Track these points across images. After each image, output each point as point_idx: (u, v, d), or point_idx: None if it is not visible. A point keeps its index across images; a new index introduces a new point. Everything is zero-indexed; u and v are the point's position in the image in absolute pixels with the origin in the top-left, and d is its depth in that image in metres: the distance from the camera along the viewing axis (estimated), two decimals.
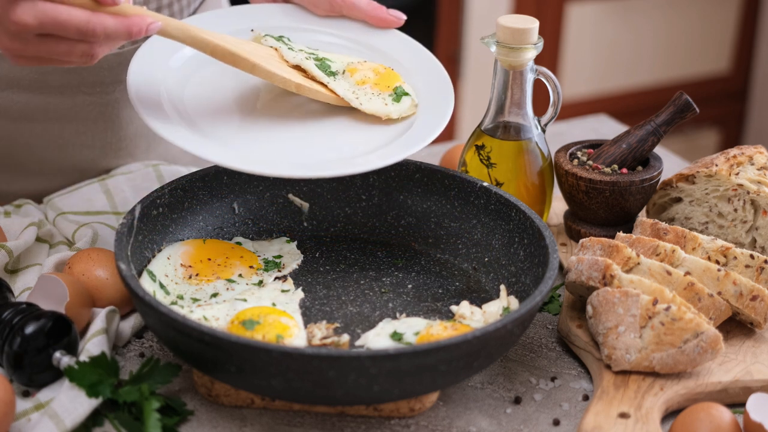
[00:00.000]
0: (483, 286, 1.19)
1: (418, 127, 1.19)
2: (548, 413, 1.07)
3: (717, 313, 1.11)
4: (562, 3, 3.10)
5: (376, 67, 1.25)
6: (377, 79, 1.23)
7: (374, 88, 1.22)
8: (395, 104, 1.21)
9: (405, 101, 1.21)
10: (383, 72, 1.24)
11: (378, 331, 1.08)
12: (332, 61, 1.25)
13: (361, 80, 1.22)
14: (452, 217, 1.24)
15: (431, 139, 1.16)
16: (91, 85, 1.36)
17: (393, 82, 1.23)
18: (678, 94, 1.29)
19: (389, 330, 1.07)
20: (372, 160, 1.13)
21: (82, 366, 1.02)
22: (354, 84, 1.22)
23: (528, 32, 1.22)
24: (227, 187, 1.23)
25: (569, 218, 1.34)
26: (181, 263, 1.15)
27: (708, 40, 3.41)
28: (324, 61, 1.24)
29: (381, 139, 1.19)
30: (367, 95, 1.21)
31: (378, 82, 1.23)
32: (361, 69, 1.24)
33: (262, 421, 1.04)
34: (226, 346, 0.95)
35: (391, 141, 1.18)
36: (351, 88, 1.22)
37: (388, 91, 1.22)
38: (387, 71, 1.25)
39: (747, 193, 1.24)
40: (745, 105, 3.57)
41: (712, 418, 0.99)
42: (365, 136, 1.19)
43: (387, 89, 1.22)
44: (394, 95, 1.21)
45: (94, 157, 1.41)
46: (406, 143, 1.16)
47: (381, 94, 1.21)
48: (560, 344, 1.17)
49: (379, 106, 1.21)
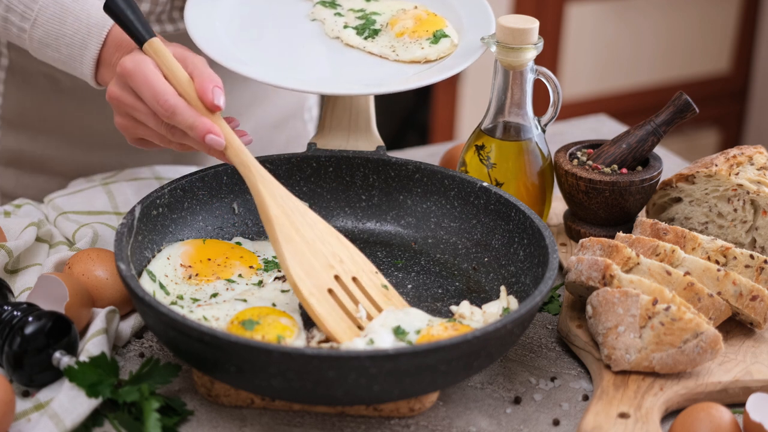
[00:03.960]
0: (483, 286, 1.19)
1: (450, 59, 1.27)
2: (548, 413, 1.07)
3: (717, 313, 1.11)
4: (562, 3, 3.10)
5: (419, 14, 1.31)
6: (416, 26, 1.30)
7: (412, 36, 1.29)
8: (433, 46, 1.28)
9: (444, 42, 1.28)
10: (425, 18, 1.31)
11: (382, 321, 1.07)
12: (380, 14, 1.33)
13: (400, 31, 1.30)
14: (452, 217, 1.24)
15: (457, 70, 1.24)
16: None
17: (433, 27, 1.30)
18: (678, 94, 1.29)
19: (393, 322, 1.07)
20: (413, 80, 1.23)
21: (82, 366, 1.02)
22: (393, 37, 1.29)
23: (528, 32, 1.22)
24: (227, 187, 1.23)
25: (569, 218, 1.34)
26: (181, 263, 1.15)
27: (708, 40, 3.41)
28: (369, 17, 1.32)
29: (417, 68, 1.27)
30: (405, 45, 1.28)
31: (416, 29, 1.29)
32: (402, 19, 1.31)
33: (262, 421, 1.04)
34: (225, 346, 0.95)
35: (427, 69, 1.27)
36: (390, 43, 1.30)
37: (426, 36, 1.29)
38: (429, 16, 1.31)
39: (747, 193, 1.24)
40: (744, 105, 3.57)
41: (711, 418, 0.99)
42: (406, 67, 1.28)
43: (426, 34, 1.29)
44: (433, 38, 1.28)
45: None
46: (436, 71, 1.24)
47: (418, 41, 1.28)
48: (560, 344, 1.17)
49: (416, 52, 1.28)
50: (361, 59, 1.28)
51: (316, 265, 1.07)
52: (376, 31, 1.31)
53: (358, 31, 1.31)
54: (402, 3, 1.35)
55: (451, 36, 1.29)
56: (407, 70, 1.26)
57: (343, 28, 1.31)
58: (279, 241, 1.07)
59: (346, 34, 1.30)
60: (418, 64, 1.27)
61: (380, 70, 1.26)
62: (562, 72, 3.18)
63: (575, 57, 3.19)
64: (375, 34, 1.30)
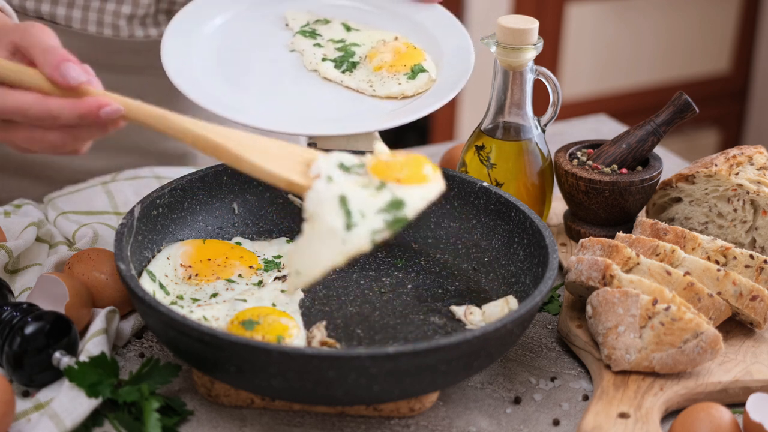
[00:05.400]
0: (483, 286, 1.19)
1: (427, 95, 1.25)
2: (548, 413, 1.07)
3: (717, 313, 1.11)
4: (562, 3, 3.10)
5: (398, 47, 1.29)
6: (394, 60, 1.27)
7: (390, 71, 1.26)
8: (410, 81, 1.26)
9: (421, 77, 1.26)
10: (404, 51, 1.28)
11: (326, 161, 1.01)
12: (359, 45, 1.30)
13: (378, 65, 1.27)
14: (452, 217, 1.24)
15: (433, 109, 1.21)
16: (156, 68, 1.35)
17: (411, 61, 1.27)
18: (678, 94, 1.29)
19: (335, 160, 1.01)
20: (375, 123, 1.20)
21: (81, 366, 1.02)
22: (371, 71, 1.27)
23: (528, 32, 1.22)
24: (227, 187, 1.23)
25: (569, 218, 1.34)
26: (180, 263, 1.15)
27: (708, 40, 3.41)
28: (349, 48, 1.30)
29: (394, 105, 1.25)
30: (382, 79, 1.26)
31: (394, 63, 1.27)
32: (381, 52, 1.28)
33: (262, 421, 1.04)
34: (225, 346, 0.95)
35: (401, 107, 1.24)
36: (367, 77, 1.27)
37: (404, 71, 1.26)
38: (408, 50, 1.29)
39: (747, 193, 1.25)
40: (744, 105, 3.57)
41: (711, 418, 0.99)
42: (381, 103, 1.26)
43: (404, 68, 1.26)
44: (410, 73, 1.26)
45: (154, 137, 1.43)
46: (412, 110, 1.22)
47: (396, 75, 1.26)
48: (560, 344, 1.17)
49: (393, 87, 1.25)
50: (338, 94, 1.26)
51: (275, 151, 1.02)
52: (355, 64, 1.29)
53: (336, 64, 1.29)
54: (383, 33, 1.33)
55: (429, 70, 1.27)
56: (384, 106, 1.24)
57: (321, 61, 1.29)
58: (236, 153, 0.98)
59: (324, 67, 1.28)
60: (395, 100, 1.25)
61: (356, 107, 1.24)
62: (562, 72, 3.18)
63: (575, 57, 3.19)
64: (353, 67, 1.28)
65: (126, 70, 1.40)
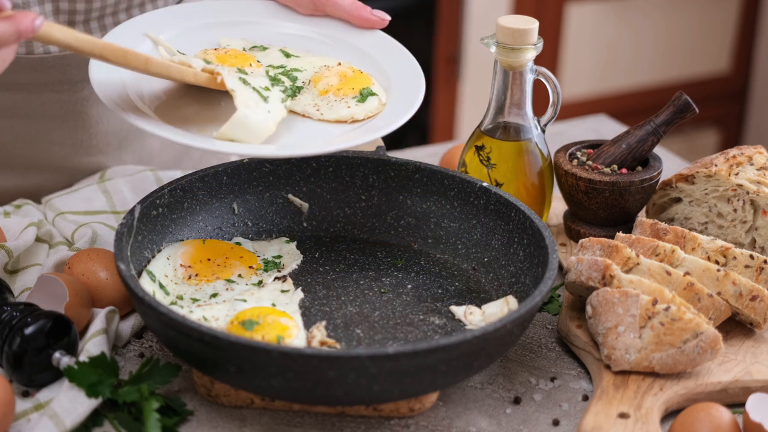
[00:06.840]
0: (483, 286, 1.19)
1: (378, 119, 1.18)
2: (548, 413, 1.07)
3: (717, 314, 1.11)
4: (561, 3, 3.10)
5: (344, 71, 1.23)
6: (341, 84, 1.21)
7: (337, 94, 1.20)
8: (359, 105, 1.19)
9: (371, 101, 1.20)
10: (351, 75, 1.22)
11: None
12: (301, 71, 1.24)
13: (324, 89, 1.21)
14: (452, 217, 1.24)
15: (388, 131, 1.13)
16: (58, 83, 1.33)
17: (359, 85, 1.21)
18: (678, 94, 1.29)
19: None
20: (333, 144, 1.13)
21: (81, 366, 1.02)
22: (317, 95, 1.21)
23: (528, 33, 1.22)
24: (227, 187, 1.23)
25: (569, 218, 1.34)
26: (180, 263, 1.15)
27: (708, 40, 3.41)
28: (291, 74, 1.23)
29: (343, 129, 1.18)
30: (329, 103, 1.20)
31: (341, 86, 1.21)
32: (326, 76, 1.22)
33: (262, 421, 1.04)
34: (225, 346, 0.95)
35: (353, 129, 1.18)
36: (313, 101, 1.20)
37: (352, 94, 1.20)
38: (355, 74, 1.23)
39: (746, 194, 1.25)
40: (744, 105, 3.57)
41: (711, 418, 0.99)
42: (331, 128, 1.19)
43: (352, 92, 1.20)
44: (359, 96, 1.20)
45: (64, 154, 1.39)
46: (364, 131, 1.15)
47: (344, 99, 1.20)
48: (560, 344, 1.17)
49: (342, 111, 1.19)
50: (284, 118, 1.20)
51: None
52: (299, 89, 1.22)
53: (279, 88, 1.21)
54: (324, 60, 1.26)
55: (378, 94, 1.20)
56: (332, 131, 1.17)
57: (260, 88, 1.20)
58: (144, 56, 1.08)
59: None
60: (344, 124, 1.18)
61: (302, 130, 1.17)
62: (562, 72, 3.18)
63: (575, 57, 3.19)
64: (297, 91, 1.22)
65: (23, 88, 1.34)
